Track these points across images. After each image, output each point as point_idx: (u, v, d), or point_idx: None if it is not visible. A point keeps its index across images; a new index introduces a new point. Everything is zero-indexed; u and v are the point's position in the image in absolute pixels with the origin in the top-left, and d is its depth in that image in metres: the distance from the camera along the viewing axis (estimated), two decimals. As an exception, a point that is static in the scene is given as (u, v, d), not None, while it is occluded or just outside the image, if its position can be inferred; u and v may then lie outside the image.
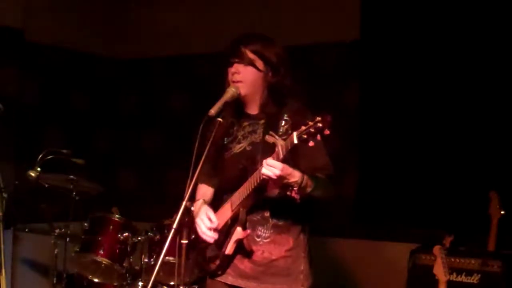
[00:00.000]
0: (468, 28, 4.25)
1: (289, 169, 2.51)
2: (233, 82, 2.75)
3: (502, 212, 3.80)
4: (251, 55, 2.73)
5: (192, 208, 2.78)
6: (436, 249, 3.32)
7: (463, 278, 3.57)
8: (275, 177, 2.47)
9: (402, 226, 4.44)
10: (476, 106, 4.22)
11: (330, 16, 4.85)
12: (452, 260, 3.54)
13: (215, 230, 2.74)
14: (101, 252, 4.04)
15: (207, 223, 2.74)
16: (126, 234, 4.02)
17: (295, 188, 2.54)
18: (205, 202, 2.86)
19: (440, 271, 3.26)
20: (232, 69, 2.76)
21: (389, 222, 4.52)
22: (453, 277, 3.51)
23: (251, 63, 2.73)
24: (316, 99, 2.71)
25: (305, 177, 2.55)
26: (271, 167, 2.46)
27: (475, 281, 3.55)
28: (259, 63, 2.74)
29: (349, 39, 4.77)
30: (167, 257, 3.44)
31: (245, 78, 2.74)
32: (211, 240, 2.74)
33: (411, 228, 4.39)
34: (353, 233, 4.72)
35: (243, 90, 2.75)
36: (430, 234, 4.04)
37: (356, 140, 4.73)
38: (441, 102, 4.35)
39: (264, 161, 2.49)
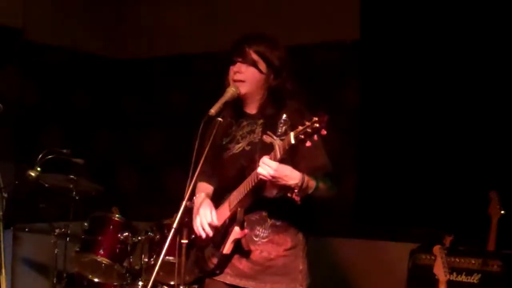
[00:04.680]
0: (468, 28, 4.25)
1: (286, 171, 2.50)
2: (234, 81, 2.75)
3: (502, 212, 3.80)
4: (254, 56, 2.73)
5: (194, 198, 2.78)
6: (436, 249, 3.32)
7: (463, 278, 3.57)
8: (270, 177, 2.47)
9: (402, 226, 4.44)
10: (476, 106, 4.22)
11: (330, 16, 4.85)
12: (452, 259, 3.54)
13: (212, 227, 2.74)
14: (101, 252, 4.04)
15: (208, 218, 2.72)
16: (126, 234, 4.02)
17: (295, 190, 2.54)
18: (207, 196, 2.86)
19: (440, 271, 3.26)
20: (234, 68, 2.76)
21: (389, 222, 4.52)
22: (453, 277, 3.51)
23: (254, 64, 2.73)
24: (316, 99, 2.70)
25: (306, 178, 2.54)
26: (266, 166, 2.46)
27: (475, 281, 3.55)
28: (262, 65, 2.74)
29: (349, 39, 4.77)
30: (167, 257, 3.45)
31: (247, 79, 2.74)
32: (204, 235, 2.73)
33: (411, 228, 4.39)
34: (353, 233, 4.72)
35: (243, 89, 2.75)
36: (430, 234, 4.04)
37: (356, 140, 4.73)
38: (441, 102, 4.35)
39: (261, 160, 2.48)
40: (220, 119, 2.68)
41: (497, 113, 4.16)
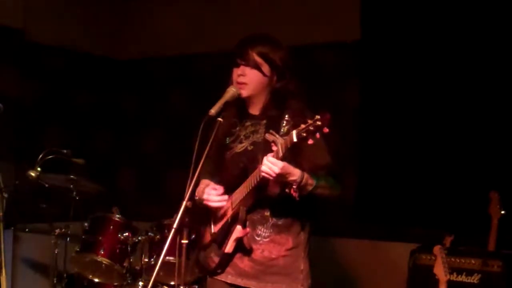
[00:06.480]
0: (468, 28, 4.25)
1: (289, 168, 2.51)
2: (238, 83, 2.75)
3: (502, 212, 3.80)
4: (257, 59, 2.72)
5: (197, 190, 2.79)
6: (436, 249, 3.32)
7: (463, 278, 3.57)
8: (274, 175, 2.48)
9: (402, 226, 4.44)
10: (476, 106, 4.22)
11: (330, 16, 4.85)
12: (453, 260, 3.54)
13: (222, 194, 2.75)
14: (102, 252, 4.03)
15: (213, 193, 2.75)
16: (126, 234, 4.02)
17: (294, 187, 2.54)
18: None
19: (440, 271, 3.26)
20: (238, 71, 2.75)
21: (389, 222, 4.52)
22: (454, 277, 3.51)
23: (257, 67, 2.73)
24: (316, 99, 2.70)
25: (305, 175, 2.55)
26: (270, 165, 2.47)
27: (475, 281, 3.55)
28: (265, 68, 2.74)
29: (349, 39, 4.77)
30: (167, 257, 3.45)
31: (250, 81, 2.74)
32: (223, 204, 2.74)
33: (411, 228, 4.39)
34: (353, 233, 4.72)
35: (247, 92, 2.75)
36: (430, 234, 4.04)
37: (356, 140, 4.73)
38: (442, 102, 4.35)
39: (265, 158, 2.49)
40: (220, 119, 2.68)
41: (497, 113, 4.16)
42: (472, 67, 4.23)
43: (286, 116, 2.65)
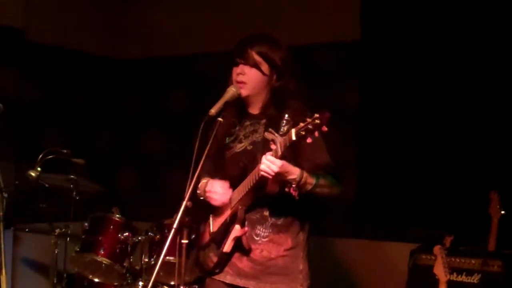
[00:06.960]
0: (468, 28, 4.25)
1: (288, 167, 2.51)
2: (237, 82, 2.75)
3: (502, 212, 3.80)
4: (257, 58, 2.73)
5: (200, 184, 2.79)
6: (436, 249, 3.32)
7: (463, 278, 3.57)
8: (272, 173, 2.48)
9: (402, 226, 4.44)
10: (476, 106, 4.22)
11: (330, 16, 4.85)
12: (453, 260, 3.55)
13: (226, 189, 2.75)
14: (102, 252, 4.04)
15: (218, 185, 2.74)
16: (127, 234, 4.02)
17: (293, 185, 2.55)
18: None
19: (440, 271, 3.26)
20: (237, 70, 2.76)
21: (389, 222, 4.52)
22: (454, 277, 3.51)
23: (256, 66, 2.73)
24: (316, 99, 2.70)
25: (305, 174, 2.56)
26: (269, 163, 2.47)
27: (475, 281, 3.55)
28: (264, 67, 2.74)
29: (349, 39, 4.77)
30: (167, 257, 3.45)
31: (249, 80, 2.74)
32: (226, 199, 2.73)
33: (411, 228, 4.39)
34: (353, 233, 4.72)
35: (246, 91, 2.76)
36: (430, 234, 4.04)
37: (356, 140, 4.74)
38: (441, 102, 4.35)
39: (263, 156, 2.49)
40: (220, 119, 2.68)
41: (497, 113, 4.16)
42: (472, 67, 4.23)
43: (286, 115, 2.65)
